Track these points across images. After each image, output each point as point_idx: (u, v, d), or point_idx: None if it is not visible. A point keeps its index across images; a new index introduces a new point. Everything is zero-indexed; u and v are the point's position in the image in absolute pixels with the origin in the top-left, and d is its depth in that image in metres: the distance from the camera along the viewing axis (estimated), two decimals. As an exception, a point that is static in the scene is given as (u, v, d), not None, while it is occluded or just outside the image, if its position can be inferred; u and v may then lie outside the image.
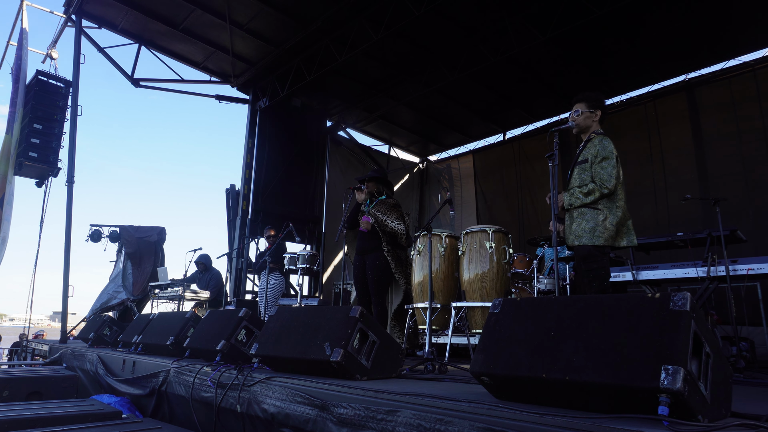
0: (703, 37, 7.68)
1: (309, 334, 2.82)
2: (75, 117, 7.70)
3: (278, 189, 9.68)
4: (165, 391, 3.82)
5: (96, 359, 5.17)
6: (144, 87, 9.00)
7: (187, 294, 7.11)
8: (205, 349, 3.57)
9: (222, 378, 3.11)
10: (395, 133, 11.68)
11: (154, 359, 4.20)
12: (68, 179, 7.53)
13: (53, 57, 8.74)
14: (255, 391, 2.80)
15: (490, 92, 9.49)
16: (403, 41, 8.04)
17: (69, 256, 7.29)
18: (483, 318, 3.51)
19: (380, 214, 4.15)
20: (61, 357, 6.28)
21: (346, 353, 2.58)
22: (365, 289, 4.12)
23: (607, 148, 3.15)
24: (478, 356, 1.90)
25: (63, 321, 7.21)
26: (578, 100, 3.37)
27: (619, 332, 1.60)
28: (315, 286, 10.14)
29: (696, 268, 4.18)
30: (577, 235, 3.12)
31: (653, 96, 8.94)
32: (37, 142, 7.94)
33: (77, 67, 7.79)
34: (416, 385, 2.52)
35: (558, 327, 1.75)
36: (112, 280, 8.91)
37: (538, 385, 1.70)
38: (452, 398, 1.92)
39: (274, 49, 8.56)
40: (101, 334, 5.95)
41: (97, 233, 8.94)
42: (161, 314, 4.92)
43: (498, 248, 3.55)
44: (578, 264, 3.21)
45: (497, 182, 11.09)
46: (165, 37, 8.57)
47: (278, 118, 9.84)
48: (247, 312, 3.52)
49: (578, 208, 3.14)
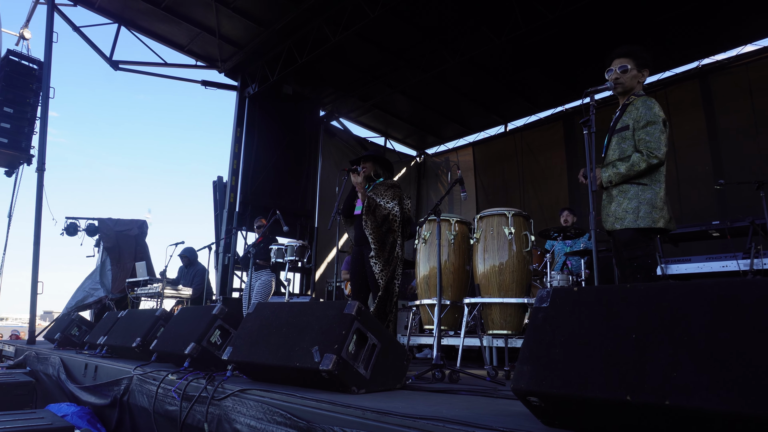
0: (717, 21, 7.20)
1: (294, 335, 2.29)
2: (47, 100, 7.12)
3: (268, 181, 9.12)
4: (127, 402, 3.27)
5: (58, 363, 4.61)
6: (123, 70, 8.42)
7: (167, 291, 6.55)
8: (173, 353, 3.03)
9: (188, 388, 2.57)
10: (391, 124, 11.16)
11: (118, 363, 3.65)
12: (38, 166, 6.94)
13: (26, 37, 8.15)
14: (226, 406, 2.26)
15: (491, 80, 8.97)
16: (400, 21, 7.52)
17: (38, 250, 6.71)
18: (501, 316, 2.99)
19: (377, 196, 3.63)
20: (25, 360, 5.71)
21: (340, 360, 2.06)
22: (363, 283, 3.59)
23: (653, 109, 2.62)
24: (523, 368, 1.38)
25: (31, 320, 6.62)
26: (623, 55, 2.78)
27: (744, 335, 1.08)
28: (307, 284, 9.59)
29: (737, 261, 3.68)
30: (618, 217, 2.60)
31: (664, 84, 8.46)
32: (8, 126, 7.38)
33: (50, 46, 7.19)
34: (428, 401, 1.99)
35: (643, 327, 1.23)
36: (89, 276, 8.31)
37: (618, 411, 1.18)
38: (484, 426, 1.40)
39: (263, 31, 8.01)
40: (68, 335, 5.39)
41: (73, 226, 8.33)
42: (130, 312, 4.37)
43: (518, 235, 3.03)
44: (617, 252, 2.70)
45: (498, 176, 10.60)
46: (146, 16, 8.00)
47: (268, 106, 9.27)
48: (222, 309, 2.98)
49: (619, 184, 2.62)
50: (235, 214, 8.63)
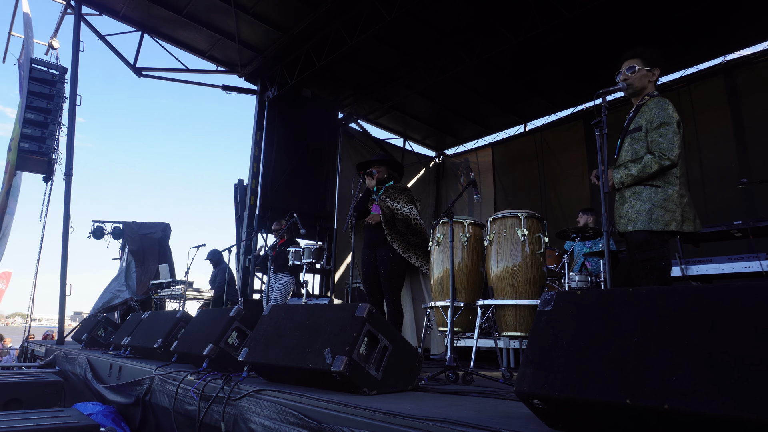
0: (741, 14, 7.02)
1: (307, 337, 2.34)
2: (74, 107, 7.34)
3: (287, 183, 9.23)
4: (149, 401, 3.37)
5: (85, 363, 4.76)
6: (147, 76, 8.62)
7: (190, 292, 6.68)
8: (193, 354, 3.11)
9: (206, 389, 2.64)
10: (410, 125, 11.17)
11: (141, 364, 3.76)
12: (66, 172, 7.17)
13: (54, 47, 8.41)
14: (242, 406, 2.32)
15: (510, 80, 8.92)
16: (417, 23, 7.54)
17: (66, 253, 6.93)
18: (514, 318, 2.99)
19: (391, 200, 3.67)
20: (54, 360, 5.90)
21: (351, 362, 2.09)
22: (376, 286, 3.63)
23: (666, 110, 2.59)
24: (526, 371, 1.39)
25: (60, 321, 6.83)
26: (631, 56, 2.79)
27: (743, 339, 1.08)
28: (326, 285, 9.67)
29: (759, 262, 3.61)
30: (631, 219, 2.58)
31: (687, 81, 8.28)
32: (38, 134, 7.61)
33: (76, 55, 7.42)
34: (437, 402, 2.01)
35: (643, 330, 1.23)
36: (114, 278, 8.53)
37: (617, 413, 1.19)
38: (488, 427, 1.42)
39: (282, 35, 8.12)
40: (95, 336, 5.55)
41: (100, 230, 8.58)
42: (152, 314, 4.48)
43: (531, 237, 3.02)
44: (631, 253, 2.67)
45: (518, 176, 10.51)
46: (168, 23, 8.19)
47: (288, 109, 9.38)
48: (240, 311, 3.04)
49: (631, 186, 2.60)
50: (256, 216, 8.75)
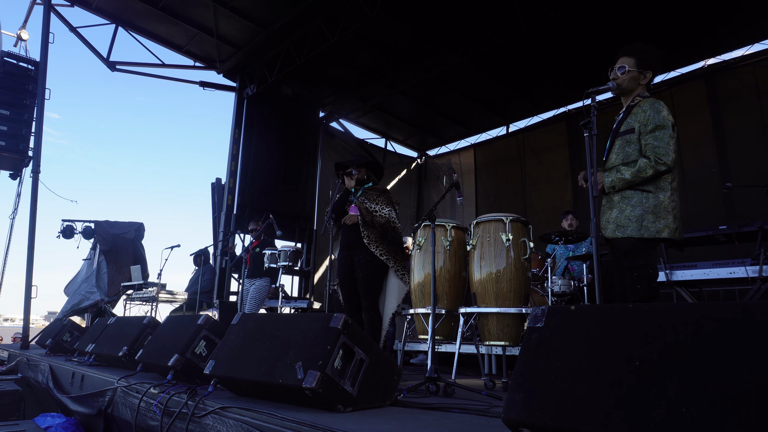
0: (723, 20, 7.05)
1: (278, 349, 2.17)
2: (42, 101, 7.04)
3: (267, 183, 9.01)
4: (112, 414, 3.16)
5: (47, 370, 4.50)
6: (121, 71, 8.32)
7: (162, 295, 6.45)
8: (158, 364, 2.92)
9: (170, 403, 2.45)
10: (392, 125, 11.03)
11: (104, 373, 3.54)
12: (33, 169, 6.85)
13: (23, 38, 8.07)
14: (206, 424, 2.15)
15: (493, 80, 8.84)
16: (400, 21, 7.40)
17: (33, 254, 6.61)
18: (498, 327, 2.86)
19: (369, 202, 3.52)
20: (17, 366, 5.62)
21: (324, 377, 1.94)
22: (353, 291, 3.48)
23: (661, 113, 2.47)
24: (515, 395, 1.25)
25: (25, 325, 6.52)
26: (628, 53, 2.61)
27: (763, 365, 0.95)
28: (305, 288, 9.47)
29: (745, 267, 3.55)
30: (620, 224, 2.46)
31: (669, 84, 8.29)
32: (5, 129, 7.30)
33: (45, 47, 7.11)
34: (416, 421, 1.87)
35: (647, 354, 1.10)
36: (85, 279, 8.21)
37: (618, 448, 1.06)
38: (473, 457, 1.28)
39: (261, 31, 7.91)
40: (60, 341, 5.28)
41: (70, 229, 8.24)
42: (118, 319, 4.26)
43: (516, 241, 2.90)
44: (617, 260, 2.57)
45: (500, 178, 10.45)
46: (144, 17, 7.91)
47: (267, 107, 9.16)
48: (208, 319, 2.86)
49: (622, 190, 2.48)
50: (233, 216, 8.53)
